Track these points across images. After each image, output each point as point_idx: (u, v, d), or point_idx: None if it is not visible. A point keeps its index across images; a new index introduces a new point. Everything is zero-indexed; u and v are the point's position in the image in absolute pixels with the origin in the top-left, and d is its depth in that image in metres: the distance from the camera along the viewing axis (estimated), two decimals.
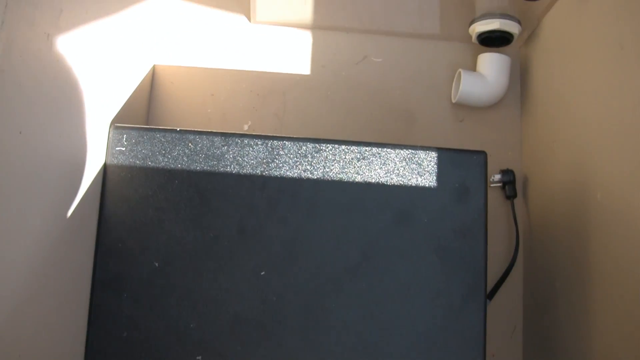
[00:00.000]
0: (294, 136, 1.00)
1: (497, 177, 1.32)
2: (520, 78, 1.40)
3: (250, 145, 0.99)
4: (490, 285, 1.28)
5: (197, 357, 0.94)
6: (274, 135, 1.00)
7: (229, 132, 1.00)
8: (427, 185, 0.99)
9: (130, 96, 1.17)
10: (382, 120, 1.35)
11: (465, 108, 1.38)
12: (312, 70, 1.37)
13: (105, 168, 0.99)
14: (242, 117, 1.34)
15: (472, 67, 1.38)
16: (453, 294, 0.97)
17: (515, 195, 1.31)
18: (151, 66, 1.35)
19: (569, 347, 1.08)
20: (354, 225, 0.98)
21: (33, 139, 0.76)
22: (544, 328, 1.20)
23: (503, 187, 1.33)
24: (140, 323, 0.95)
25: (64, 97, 0.86)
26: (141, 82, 1.26)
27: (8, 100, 0.69)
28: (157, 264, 0.96)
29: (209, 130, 1.00)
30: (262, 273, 0.96)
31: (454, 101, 1.35)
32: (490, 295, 1.27)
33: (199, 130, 1.00)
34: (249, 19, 1.39)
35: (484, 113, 1.38)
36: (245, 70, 1.36)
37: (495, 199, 1.34)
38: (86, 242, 0.96)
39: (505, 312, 1.30)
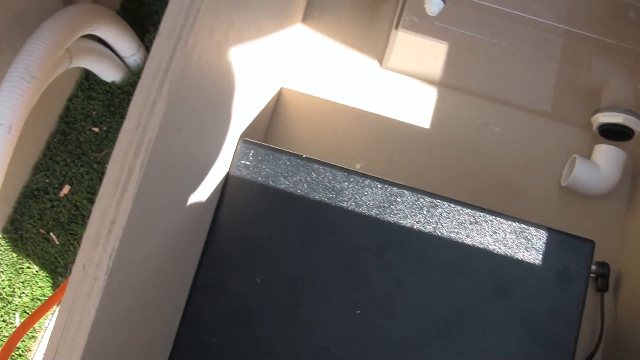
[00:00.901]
0: (414, 186, 1.03)
1: (593, 268, 1.32)
2: (632, 175, 1.41)
3: (370, 187, 1.02)
4: None
5: None
6: (394, 181, 1.02)
7: (353, 169, 1.03)
8: (531, 262, 1.01)
9: (259, 113, 1.21)
10: (488, 187, 1.37)
11: (573, 193, 1.38)
12: (431, 124, 1.40)
13: (227, 178, 1.03)
14: (356, 155, 1.37)
15: (587, 154, 1.39)
16: None
17: (606, 290, 1.31)
18: (279, 88, 1.39)
19: None
20: (454, 286, 0.99)
21: (187, 139, 0.80)
22: None
23: (596, 279, 1.32)
24: (230, 333, 0.98)
25: (214, 103, 0.90)
26: (269, 102, 1.30)
27: (178, 98, 0.73)
28: (258, 280, 0.99)
29: (334, 164, 1.03)
30: (357, 312, 0.98)
31: (563, 184, 1.37)
32: None
33: (324, 161, 1.04)
34: (380, 64, 1.43)
35: (590, 202, 1.38)
36: (367, 111, 1.40)
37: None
38: (195, 245, 0.99)
39: None
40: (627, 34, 1.36)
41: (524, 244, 1.01)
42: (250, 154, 1.04)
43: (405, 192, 1.02)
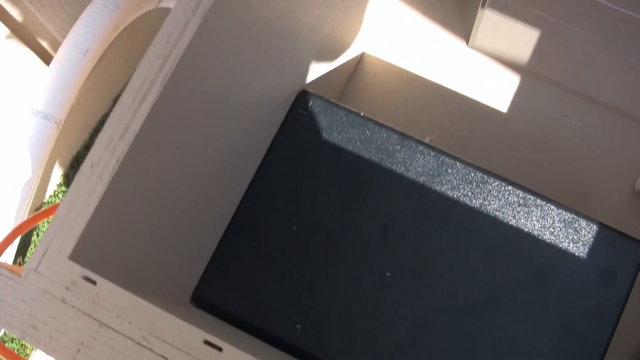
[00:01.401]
0: (467, 160, 1.01)
1: None
2: None
3: (423, 154, 1.01)
4: None
5: (297, 326, 0.96)
6: (448, 152, 1.01)
7: (408, 134, 1.02)
8: (576, 254, 0.97)
9: (330, 71, 1.21)
10: (557, 181, 1.33)
11: None
12: (509, 109, 1.37)
13: (283, 124, 1.03)
14: (427, 129, 1.35)
15: None
16: None
17: None
18: (361, 52, 1.38)
19: None
20: (491, 266, 0.97)
21: (226, 69, 0.81)
22: None
23: None
24: (257, 276, 0.98)
25: (268, 46, 0.90)
26: (345, 63, 1.30)
27: (216, 25, 0.74)
28: (295, 228, 0.99)
29: (390, 126, 1.02)
30: (388, 274, 0.97)
31: (637, 189, 1.32)
32: None
33: (381, 122, 1.03)
34: (467, 42, 1.40)
35: None
36: (446, 87, 1.38)
37: None
38: (228, 184, 1.00)
39: None
40: None
41: (572, 235, 0.98)
42: (309, 105, 1.04)
43: (458, 163, 1.00)
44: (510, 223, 0.98)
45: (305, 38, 1.04)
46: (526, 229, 0.98)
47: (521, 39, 1.34)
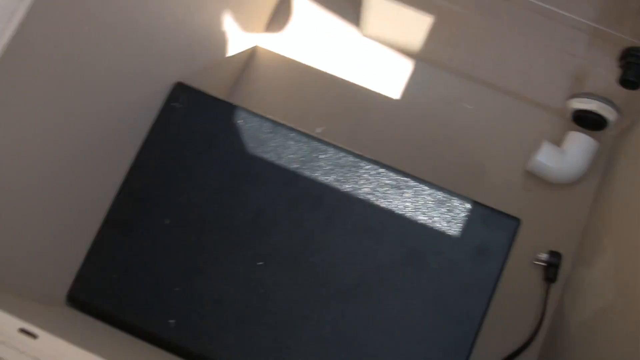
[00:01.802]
0: (339, 145, 1.01)
1: (544, 256, 1.28)
2: (604, 167, 1.36)
3: (295, 140, 1.01)
4: (501, 358, 1.25)
5: (170, 321, 0.96)
6: (320, 137, 1.01)
7: (280, 121, 1.02)
8: (449, 233, 0.98)
9: (217, 64, 1.21)
10: (452, 166, 1.35)
11: (537, 180, 1.35)
12: (402, 96, 1.38)
13: (157, 117, 1.03)
14: (319, 119, 1.35)
15: (560, 141, 1.35)
16: (436, 347, 0.95)
17: (554, 280, 1.27)
18: (253, 46, 1.38)
19: None
20: (365, 248, 0.98)
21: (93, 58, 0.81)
22: None
23: (546, 268, 1.29)
24: (132, 273, 0.98)
25: (146, 34, 0.90)
26: (235, 56, 1.30)
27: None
28: (167, 221, 0.99)
29: (261, 114, 1.02)
30: (260, 263, 0.97)
31: (527, 169, 1.33)
32: None
33: (252, 110, 1.03)
34: (360, 31, 1.41)
35: (556, 190, 1.34)
36: (339, 77, 1.38)
37: (535, 277, 1.30)
38: (112, 177, 1.00)
39: None
40: (617, 21, 1.32)
41: (445, 215, 0.99)
42: (182, 97, 1.04)
43: (329, 149, 1.01)
44: (382, 205, 0.99)
45: (175, 30, 1.03)
46: (398, 211, 0.98)
47: (411, 25, 1.34)
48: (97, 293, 0.97)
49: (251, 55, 1.39)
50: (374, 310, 0.96)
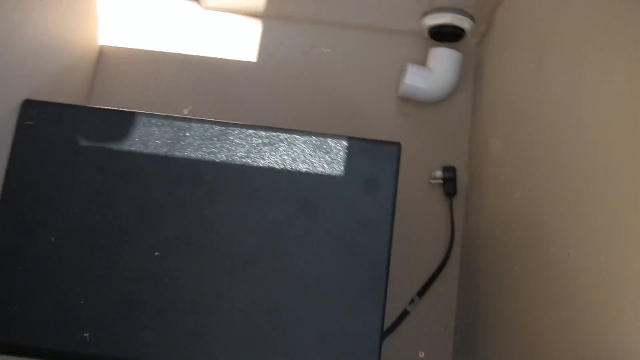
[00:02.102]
0: (202, 118, 0.99)
1: (439, 173, 1.29)
2: (474, 76, 1.37)
3: (157, 126, 0.98)
4: (423, 282, 1.25)
5: (85, 335, 0.93)
6: (181, 116, 0.99)
7: (138, 111, 0.99)
8: (334, 175, 0.97)
9: (63, 73, 1.17)
10: (326, 111, 1.33)
11: (412, 103, 1.35)
12: (258, 58, 1.36)
13: (13, 140, 0.98)
14: (184, 101, 1.33)
15: (424, 62, 1.35)
16: (352, 288, 0.95)
17: (454, 193, 1.28)
18: (98, 46, 1.34)
19: (494, 347, 1.06)
20: (255, 213, 0.96)
21: None
22: (471, 328, 1.18)
23: (443, 184, 1.29)
24: (32, 298, 0.94)
25: None
26: (80, 61, 1.25)
27: None
28: (52, 239, 0.95)
29: (118, 109, 0.99)
30: (156, 254, 0.94)
31: (399, 95, 1.33)
32: (421, 293, 1.25)
33: (108, 108, 0.99)
34: (200, 4, 1.38)
35: (432, 109, 1.35)
36: (191, 55, 1.36)
37: (435, 196, 1.31)
38: None
39: (439, 312, 1.27)
40: None
41: (324, 158, 0.98)
42: (35, 113, 0.99)
43: (193, 124, 0.98)
44: (261, 165, 0.97)
45: (7, 49, 0.99)
46: (278, 166, 0.97)
47: None
48: (1, 330, 0.93)
49: (99, 56, 1.35)
50: (281, 270, 0.94)
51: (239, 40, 1.36)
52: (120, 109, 0.99)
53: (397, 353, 1.23)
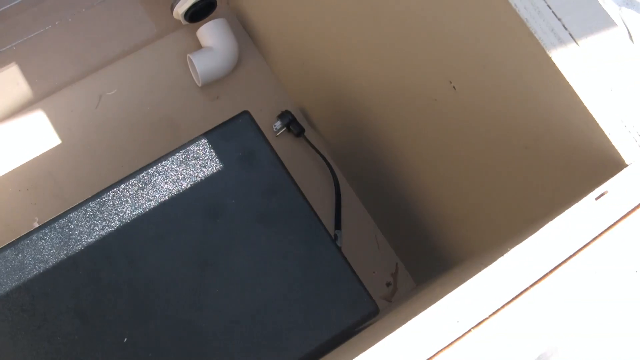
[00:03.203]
0: (73, 205, 0.97)
1: (278, 123, 1.33)
2: (245, 28, 1.42)
3: (42, 238, 0.96)
4: (333, 216, 1.30)
5: None
6: (56, 216, 0.97)
7: (17, 238, 0.96)
8: (216, 171, 0.99)
9: None
10: (150, 142, 1.34)
11: (214, 85, 1.38)
12: (62, 137, 1.33)
13: None
14: (26, 219, 1.29)
15: (202, 45, 1.38)
16: (298, 246, 0.98)
17: (303, 130, 1.33)
18: None
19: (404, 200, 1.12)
20: (177, 247, 0.96)
21: None
22: (391, 217, 1.24)
23: (289, 130, 1.34)
24: None
25: None
26: None
27: None
28: None
29: None
30: (125, 340, 0.93)
31: (200, 85, 1.35)
32: (338, 224, 1.29)
33: None
34: None
35: (232, 79, 1.39)
36: (5, 174, 1.31)
37: (291, 143, 1.35)
38: None
39: (362, 230, 1.32)
40: None
41: (198, 163, 0.99)
42: None
43: (71, 215, 0.97)
44: (153, 206, 0.97)
45: None
46: (167, 196, 0.98)
47: (9, 79, 1.30)
48: None
49: None
50: (231, 271, 0.96)
51: (31, 135, 1.33)
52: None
53: None
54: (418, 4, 0.79)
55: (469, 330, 0.55)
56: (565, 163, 0.69)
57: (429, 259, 1.18)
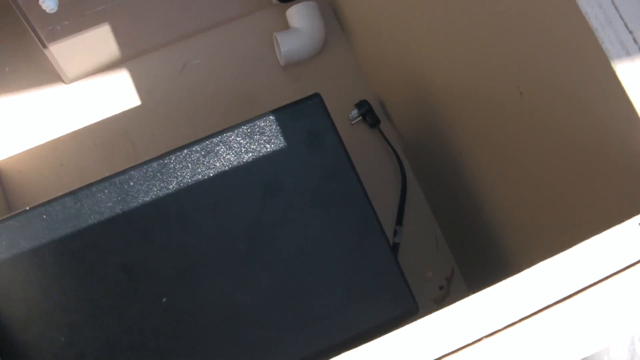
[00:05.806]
0: (135, 163, 0.99)
1: (355, 112, 1.33)
2: (335, 13, 1.42)
3: (101, 191, 0.98)
4: (395, 211, 1.29)
5: None
6: (117, 171, 0.98)
7: (75, 189, 0.98)
8: (279, 148, 0.99)
9: None
10: (227, 115, 1.35)
11: (297, 66, 1.38)
12: (142, 99, 1.36)
13: None
14: (97, 172, 1.31)
15: (289, 26, 1.38)
16: (348, 235, 0.97)
17: (378, 121, 1.32)
18: None
19: (478, 222, 1.10)
20: (230, 218, 0.97)
21: None
22: (454, 219, 1.22)
23: (364, 119, 1.33)
24: None
25: None
26: None
27: None
28: (63, 340, 0.94)
29: (56, 196, 0.98)
30: (164, 300, 0.94)
31: (283, 64, 1.36)
32: (400, 219, 1.28)
33: (46, 199, 0.98)
34: (64, 81, 1.37)
35: (316, 61, 1.39)
36: (84, 127, 1.34)
37: (364, 133, 1.34)
38: None
39: (422, 229, 1.31)
40: None
41: (262, 139, 1.00)
42: None
43: (132, 172, 0.98)
44: (213, 175, 0.98)
45: None
46: (227, 168, 0.98)
47: (100, 38, 1.33)
48: None
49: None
50: (280, 252, 0.96)
51: (116, 94, 1.36)
52: (57, 196, 0.98)
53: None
54: (495, 6, 0.77)
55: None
56: (621, 181, 0.67)
57: (486, 266, 1.16)
